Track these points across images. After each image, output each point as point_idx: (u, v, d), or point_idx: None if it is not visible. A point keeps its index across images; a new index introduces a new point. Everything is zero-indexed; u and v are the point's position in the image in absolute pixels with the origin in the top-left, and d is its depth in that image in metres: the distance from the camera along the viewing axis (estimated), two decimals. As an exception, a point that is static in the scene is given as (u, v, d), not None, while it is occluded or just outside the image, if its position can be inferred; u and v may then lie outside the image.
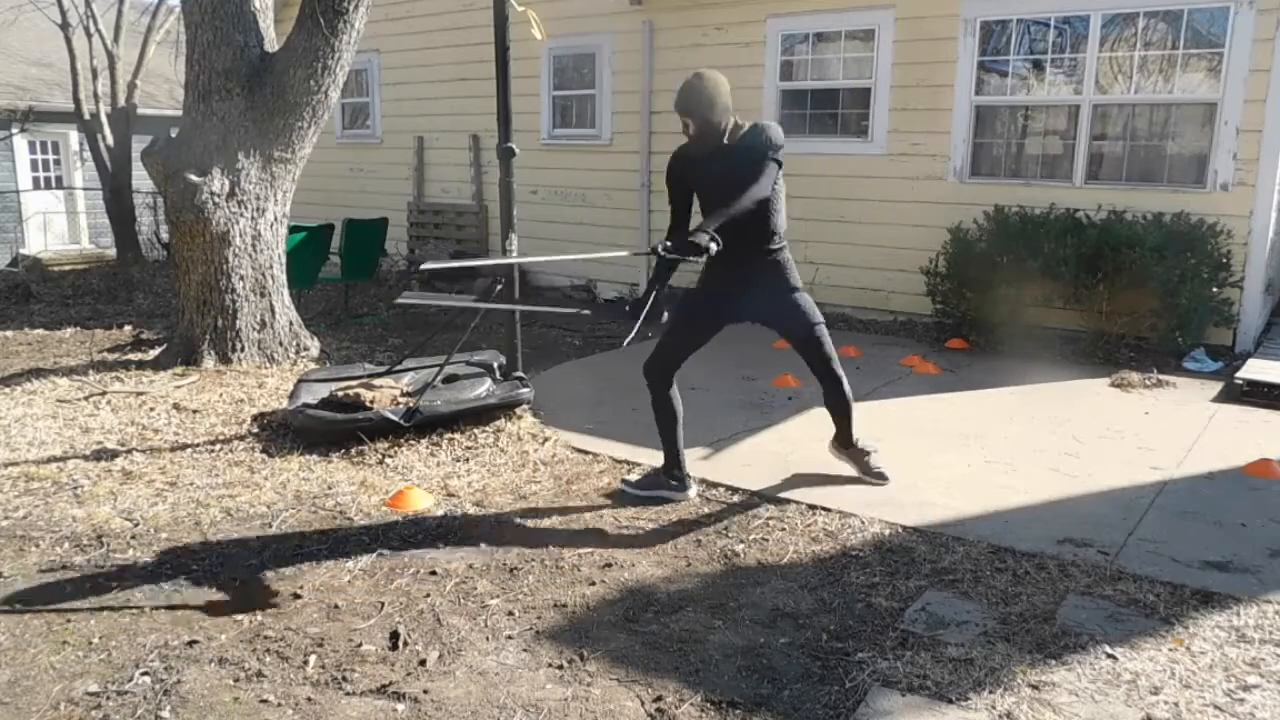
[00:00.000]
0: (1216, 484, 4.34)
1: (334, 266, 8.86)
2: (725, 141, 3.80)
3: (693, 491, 4.17)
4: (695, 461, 4.53)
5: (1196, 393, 5.88)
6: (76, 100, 12.98)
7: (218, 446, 4.85)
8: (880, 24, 7.81)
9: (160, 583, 3.40)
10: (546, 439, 4.93)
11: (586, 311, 4.97)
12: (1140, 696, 2.67)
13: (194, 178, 6.16)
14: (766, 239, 3.90)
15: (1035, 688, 2.71)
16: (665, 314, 3.94)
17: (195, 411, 5.38)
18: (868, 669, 2.80)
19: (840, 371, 4.08)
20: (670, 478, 4.17)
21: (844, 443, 4.32)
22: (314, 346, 6.76)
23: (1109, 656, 2.87)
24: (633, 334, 3.81)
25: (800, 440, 4.92)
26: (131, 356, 6.75)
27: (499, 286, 5.31)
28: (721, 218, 3.60)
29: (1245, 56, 6.45)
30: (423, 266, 3.92)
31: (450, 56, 10.60)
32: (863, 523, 3.88)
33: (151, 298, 9.96)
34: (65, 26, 12.97)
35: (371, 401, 4.95)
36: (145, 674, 2.81)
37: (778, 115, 8.41)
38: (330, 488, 4.31)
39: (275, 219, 6.53)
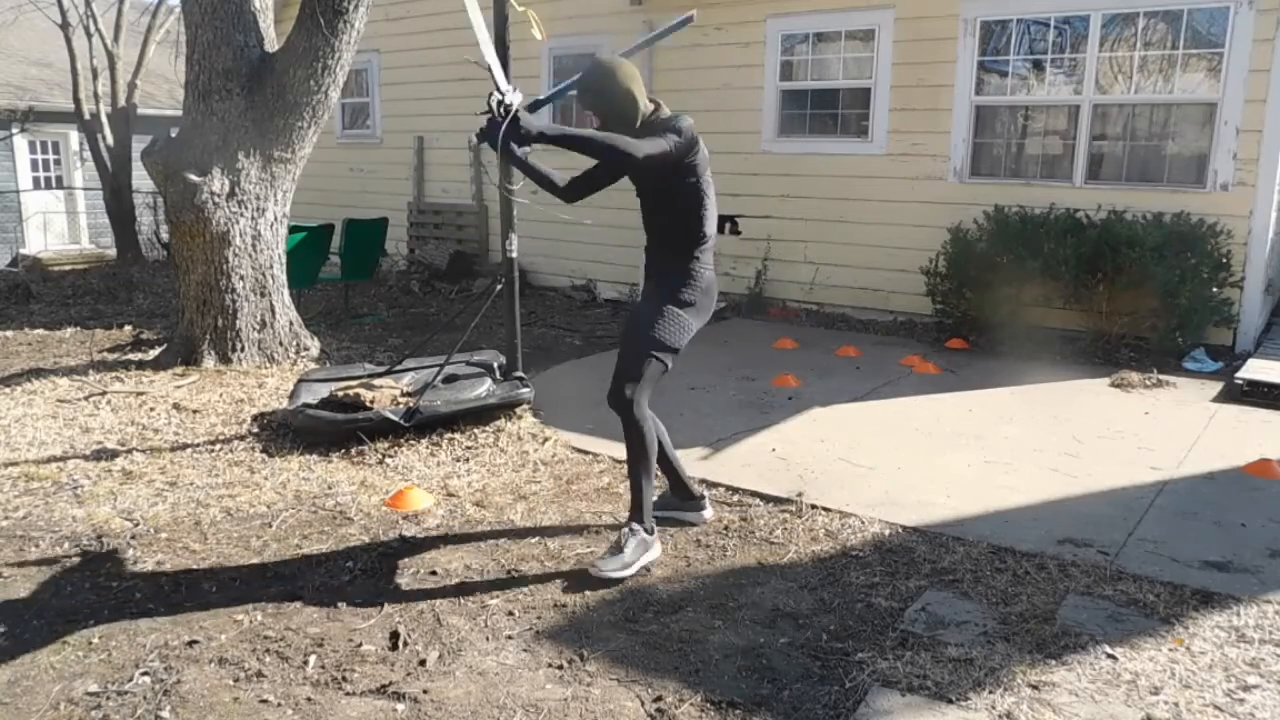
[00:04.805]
0: (1216, 484, 4.34)
1: (334, 266, 8.86)
2: (636, 128, 3.43)
3: (709, 513, 3.92)
4: (695, 461, 4.53)
5: (1196, 393, 5.87)
6: (76, 100, 12.99)
7: (218, 446, 4.85)
8: (880, 24, 7.81)
9: (160, 582, 3.40)
10: (546, 439, 4.93)
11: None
12: (1140, 696, 2.67)
13: (194, 178, 6.16)
14: (693, 245, 3.49)
15: (1035, 688, 2.71)
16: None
17: (195, 411, 5.38)
18: (868, 669, 2.80)
19: (631, 403, 3.39)
20: (683, 498, 3.92)
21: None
22: (314, 346, 6.76)
23: (1109, 656, 2.87)
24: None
25: (800, 440, 4.92)
26: (131, 356, 6.75)
27: (499, 286, 5.32)
28: (564, 131, 3.34)
29: (1245, 57, 6.45)
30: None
31: (450, 56, 10.58)
32: (863, 523, 3.88)
33: (151, 298, 9.96)
34: (65, 26, 12.98)
35: (371, 401, 4.95)
36: (145, 674, 2.80)
37: (778, 115, 8.42)
38: (330, 488, 4.31)
39: (275, 219, 6.53)
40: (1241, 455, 4.66)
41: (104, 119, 12.78)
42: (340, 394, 5.04)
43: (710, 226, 3.53)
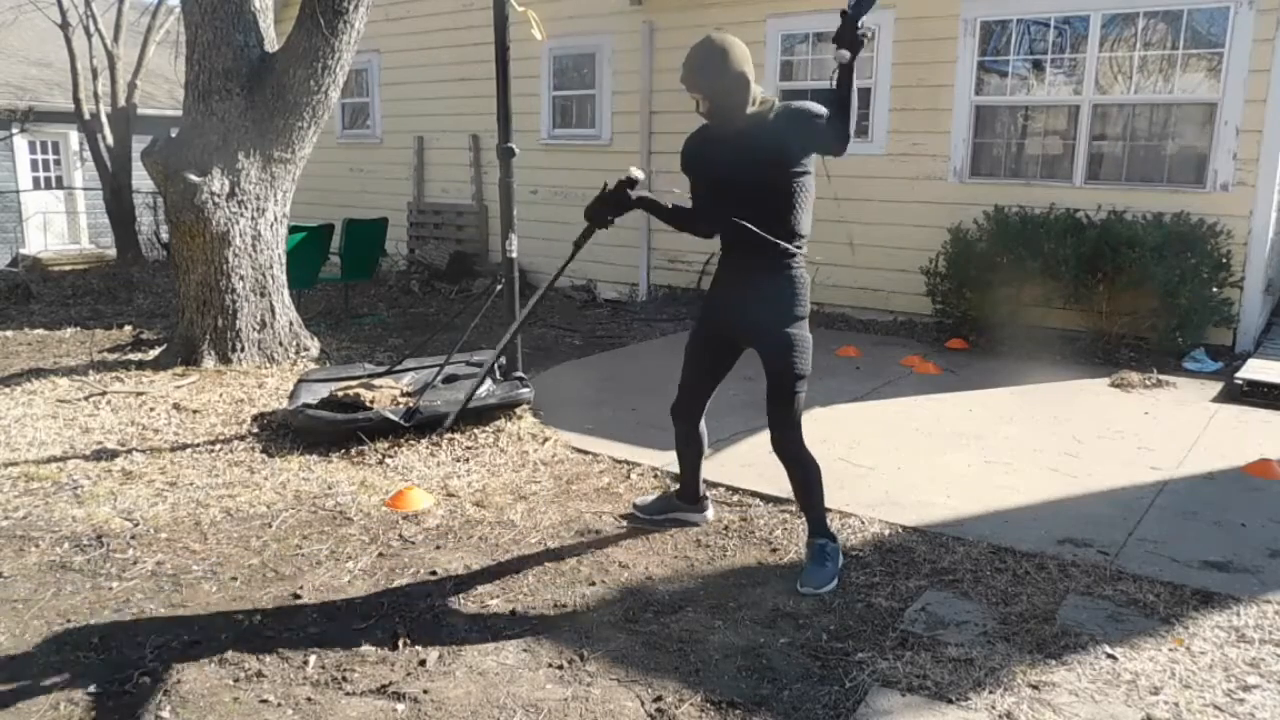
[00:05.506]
0: (1216, 484, 4.34)
1: (334, 266, 8.86)
2: (747, 114, 3.30)
3: (710, 514, 3.93)
4: (695, 461, 4.52)
5: (1196, 393, 5.87)
6: (76, 100, 12.98)
7: (218, 446, 4.85)
8: (880, 24, 7.81)
9: (160, 582, 3.40)
10: (546, 439, 4.93)
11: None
12: (1140, 696, 2.67)
13: (194, 178, 6.16)
14: (789, 242, 3.27)
15: (1035, 688, 2.71)
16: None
17: (195, 411, 5.38)
18: (868, 669, 2.80)
19: (800, 447, 3.39)
20: (685, 499, 3.91)
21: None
22: (314, 346, 6.76)
23: (1109, 656, 2.87)
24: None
25: (800, 440, 4.92)
26: (131, 356, 6.75)
27: (499, 286, 5.32)
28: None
29: (1245, 57, 6.45)
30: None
31: (450, 56, 10.60)
32: (863, 523, 3.88)
33: (151, 298, 9.96)
34: (65, 26, 12.98)
35: (371, 401, 4.95)
36: (145, 674, 2.80)
37: (778, 115, 8.42)
38: (330, 488, 4.31)
39: (275, 219, 6.53)
40: (1241, 455, 4.66)
41: (104, 119, 12.78)
42: (340, 394, 5.04)
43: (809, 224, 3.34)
